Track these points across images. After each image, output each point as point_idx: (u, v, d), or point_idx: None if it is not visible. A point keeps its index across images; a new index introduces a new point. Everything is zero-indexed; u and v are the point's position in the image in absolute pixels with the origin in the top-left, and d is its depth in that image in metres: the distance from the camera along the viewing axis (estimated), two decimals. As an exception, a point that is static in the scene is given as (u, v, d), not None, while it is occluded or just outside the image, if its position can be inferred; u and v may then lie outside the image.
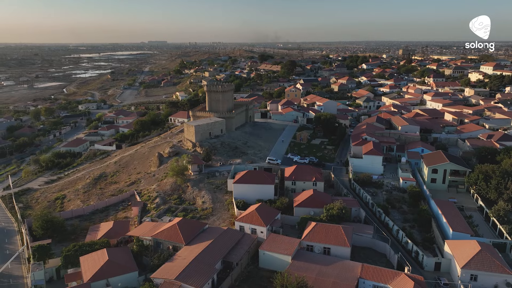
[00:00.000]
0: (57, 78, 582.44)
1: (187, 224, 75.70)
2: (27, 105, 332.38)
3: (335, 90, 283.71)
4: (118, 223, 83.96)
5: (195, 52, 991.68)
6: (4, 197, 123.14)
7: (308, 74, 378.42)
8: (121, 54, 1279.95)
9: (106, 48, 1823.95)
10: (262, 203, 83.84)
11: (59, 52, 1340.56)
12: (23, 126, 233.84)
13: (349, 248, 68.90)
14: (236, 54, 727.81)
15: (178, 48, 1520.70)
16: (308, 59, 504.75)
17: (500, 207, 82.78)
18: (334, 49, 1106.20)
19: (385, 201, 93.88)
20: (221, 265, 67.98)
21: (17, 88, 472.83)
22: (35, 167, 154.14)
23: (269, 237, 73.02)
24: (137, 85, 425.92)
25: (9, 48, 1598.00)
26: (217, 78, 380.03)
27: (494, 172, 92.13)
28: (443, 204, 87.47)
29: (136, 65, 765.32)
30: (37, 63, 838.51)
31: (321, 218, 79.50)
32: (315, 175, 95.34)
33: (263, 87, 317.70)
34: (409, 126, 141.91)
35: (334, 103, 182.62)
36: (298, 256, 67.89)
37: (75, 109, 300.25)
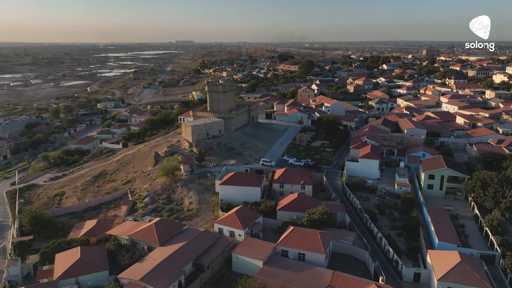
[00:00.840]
0: (82, 77, 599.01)
1: (165, 225, 75.60)
2: (50, 102, 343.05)
3: (350, 91, 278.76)
4: (101, 222, 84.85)
5: (219, 52, 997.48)
6: (9, 192, 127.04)
7: (326, 74, 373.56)
8: (147, 53, 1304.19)
9: (134, 47, 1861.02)
10: (243, 206, 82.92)
11: (89, 52, 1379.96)
12: (40, 123, 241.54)
13: (324, 255, 66.96)
14: (258, 54, 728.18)
15: (204, 48, 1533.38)
16: (329, 59, 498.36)
17: (494, 217, 78.61)
18: (360, 49, 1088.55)
19: (375, 207, 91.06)
20: (192, 267, 67.50)
21: (44, 86, 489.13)
22: (44, 164, 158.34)
23: (245, 240, 71.93)
24: (156, 84, 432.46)
25: (42, 47, 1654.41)
26: (234, 78, 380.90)
27: (492, 180, 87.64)
28: (435, 212, 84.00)
29: (160, 64, 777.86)
30: (66, 62, 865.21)
31: (302, 222, 77.74)
32: (304, 178, 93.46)
33: (278, 87, 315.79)
34: (415, 129, 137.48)
35: (342, 105, 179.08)
36: (270, 261, 66.46)
37: (94, 107, 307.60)
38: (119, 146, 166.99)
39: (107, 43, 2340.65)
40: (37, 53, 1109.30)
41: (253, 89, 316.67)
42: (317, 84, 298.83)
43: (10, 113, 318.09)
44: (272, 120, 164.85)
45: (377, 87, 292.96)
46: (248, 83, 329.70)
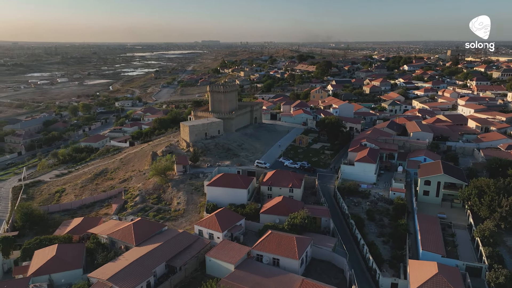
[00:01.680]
0: (106, 76, 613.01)
1: (144, 225, 75.77)
2: (71, 101, 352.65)
3: (366, 92, 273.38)
4: (87, 220, 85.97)
5: (243, 52, 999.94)
6: (15, 187, 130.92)
7: (344, 75, 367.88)
8: (172, 53, 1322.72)
9: (161, 47, 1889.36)
10: (225, 208, 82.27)
11: (116, 51, 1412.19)
12: (58, 121, 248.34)
13: (297, 261, 65.34)
14: (279, 54, 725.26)
15: (229, 47, 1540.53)
16: (349, 60, 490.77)
17: (486, 227, 74.80)
18: (387, 49, 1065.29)
19: (365, 212, 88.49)
20: (165, 268, 67.30)
21: (68, 85, 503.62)
22: (53, 161, 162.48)
23: (220, 243, 71.20)
24: (175, 83, 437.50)
25: (73, 47, 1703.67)
26: (251, 78, 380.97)
27: (489, 187, 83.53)
28: (425, 220, 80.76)
29: (182, 64, 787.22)
30: (93, 61, 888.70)
31: (283, 227, 76.28)
32: (292, 181, 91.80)
33: (294, 88, 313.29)
34: (421, 132, 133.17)
35: (350, 106, 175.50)
36: (243, 266, 65.40)
37: (112, 105, 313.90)
38: (126, 145, 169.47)
39: (135, 43, 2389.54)
40: (67, 52, 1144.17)
41: (268, 89, 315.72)
42: (332, 85, 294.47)
43: (34, 110, 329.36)
44: (277, 121, 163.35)
45: (395, 88, 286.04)
46: (263, 83, 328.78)
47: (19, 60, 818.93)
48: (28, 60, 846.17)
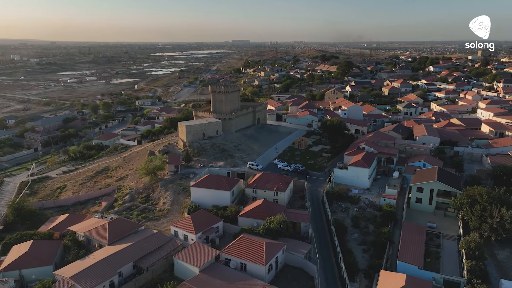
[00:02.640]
0: (134, 75, 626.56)
1: (119, 224, 76.37)
2: (95, 99, 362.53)
3: (385, 93, 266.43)
4: (72, 217, 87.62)
5: (270, 51, 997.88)
6: (22, 182, 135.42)
7: (366, 75, 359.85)
8: (201, 52, 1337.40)
9: (191, 47, 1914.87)
10: (202, 210, 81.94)
11: (147, 51, 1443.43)
12: (76, 119, 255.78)
13: (264, 267, 63.85)
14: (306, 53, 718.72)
15: (258, 47, 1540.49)
16: (374, 60, 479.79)
17: (471, 239, 70.58)
18: (420, 49, 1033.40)
19: (350, 219, 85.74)
20: (133, 268, 67.51)
21: (96, 83, 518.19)
22: (64, 157, 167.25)
23: (191, 245, 70.73)
24: (197, 83, 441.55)
25: (107, 46, 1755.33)
26: (270, 78, 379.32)
27: (482, 196, 78.87)
28: (410, 229, 77.20)
29: (208, 63, 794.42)
30: (123, 61, 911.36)
31: (259, 231, 74.86)
32: (277, 185, 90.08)
33: (312, 88, 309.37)
34: (427, 137, 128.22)
35: (359, 108, 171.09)
36: (208, 269, 64.58)
37: (132, 104, 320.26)
38: (133, 143, 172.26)
39: (166, 43, 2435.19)
40: (100, 52, 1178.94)
41: (286, 90, 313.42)
42: (351, 86, 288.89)
43: (59, 108, 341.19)
44: (281, 122, 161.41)
45: (416, 90, 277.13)
46: (281, 83, 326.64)
47: (54, 59, 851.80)
48: (62, 59, 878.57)
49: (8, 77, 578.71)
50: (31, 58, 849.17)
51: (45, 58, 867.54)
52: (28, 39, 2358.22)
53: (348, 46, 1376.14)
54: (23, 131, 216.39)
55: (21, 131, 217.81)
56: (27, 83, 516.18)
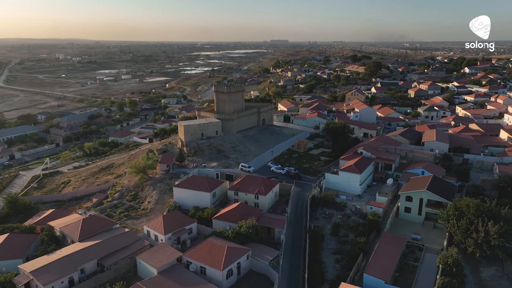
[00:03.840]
0: (167, 74, 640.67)
1: (93, 222, 77.68)
2: (124, 97, 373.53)
3: (410, 96, 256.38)
4: (57, 211, 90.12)
5: (306, 51, 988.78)
6: (34, 176, 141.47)
7: (395, 77, 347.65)
8: (237, 52, 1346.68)
9: (228, 46, 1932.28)
10: (176, 211, 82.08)
11: (185, 50, 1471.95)
12: (101, 116, 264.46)
13: (221, 272, 62.73)
14: (340, 53, 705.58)
15: (295, 47, 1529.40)
16: (406, 61, 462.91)
17: (449, 254, 65.95)
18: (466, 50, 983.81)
19: (331, 226, 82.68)
20: (97, 266, 68.45)
21: (130, 82, 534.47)
22: (79, 153, 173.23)
23: (156, 246, 70.79)
24: (225, 82, 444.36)
25: (148, 45, 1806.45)
26: (297, 78, 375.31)
27: (469, 209, 73.51)
28: (389, 240, 73.28)
29: (242, 63, 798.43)
30: (160, 60, 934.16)
31: (228, 234, 73.73)
32: (259, 188, 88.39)
33: (336, 89, 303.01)
34: (435, 142, 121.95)
35: (372, 111, 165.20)
36: (167, 271, 64.24)
37: (158, 102, 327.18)
38: (145, 141, 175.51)
39: (205, 42, 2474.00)
40: (139, 51, 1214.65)
41: (310, 90, 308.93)
42: (376, 87, 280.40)
43: (91, 105, 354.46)
44: (289, 123, 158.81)
45: (445, 92, 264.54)
46: (306, 84, 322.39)
47: (95, 58, 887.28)
48: (103, 58, 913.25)
49: (50, 74, 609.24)
50: (74, 57, 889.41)
51: (87, 57, 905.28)
52: (76, 39, 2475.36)
53: (389, 46, 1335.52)
54: (49, 127, 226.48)
55: (47, 126, 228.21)
56: (67, 81, 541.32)
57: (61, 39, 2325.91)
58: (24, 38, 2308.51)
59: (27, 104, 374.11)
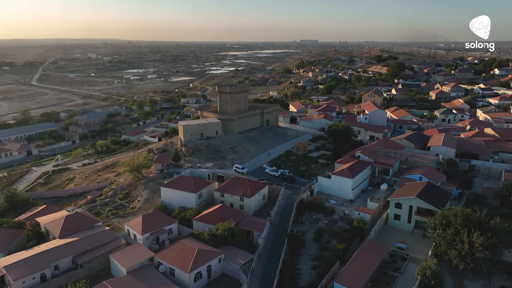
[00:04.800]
0: (193, 73, 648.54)
1: (76, 219, 78.91)
2: (147, 96, 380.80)
3: (431, 98, 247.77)
4: (49, 207, 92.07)
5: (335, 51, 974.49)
6: (44, 172, 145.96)
7: (419, 78, 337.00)
8: (265, 52, 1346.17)
9: (257, 46, 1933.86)
10: (156, 211, 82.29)
11: (214, 50, 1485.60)
12: (120, 114, 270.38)
13: (187, 274, 62.20)
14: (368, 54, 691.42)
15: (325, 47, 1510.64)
16: (433, 62, 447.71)
17: (428, 265, 62.74)
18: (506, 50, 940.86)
19: (314, 232, 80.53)
20: (72, 263, 69.51)
21: (155, 81, 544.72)
22: (91, 151, 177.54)
23: (131, 245, 71.28)
24: (246, 82, 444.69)
25: (178, 45, 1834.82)
26: (318, 79, 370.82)
27: (456, 218, 69.64)
28: (369, 248, 70.62)
29: (268, 63, 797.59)
30: (187, 59, 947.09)
31: (205, 237, 73.13)
32: (245, 190, 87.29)
33: (356, 90, 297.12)
34: (441, 147, 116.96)
35: (382, 113, 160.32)
36: (136, 271, 64.27)
37: (177, 102, 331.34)
38: (155, 140, 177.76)
39: (234, 42, 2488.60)
40: (168, 50, 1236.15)
41: (329, 91, 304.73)
42: (397, 89, 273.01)
43: (114, 103, 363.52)
44: (295, 125, 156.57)
45: (469, 94, 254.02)
46: (325, 85, 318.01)
47: (125, 58, 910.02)
48: (132, 57, 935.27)
49: (80, 73, 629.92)
50: (105, 56, 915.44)
51: (118, 57, 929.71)
52: (110, 39, 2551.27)
53: (422, 46, 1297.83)
54: (68, 125, 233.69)
55: (67, 124, 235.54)
56: (95, 80, 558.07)
57: (95, 39, 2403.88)
58: (62, 39, 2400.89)
59: (54, 102, 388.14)
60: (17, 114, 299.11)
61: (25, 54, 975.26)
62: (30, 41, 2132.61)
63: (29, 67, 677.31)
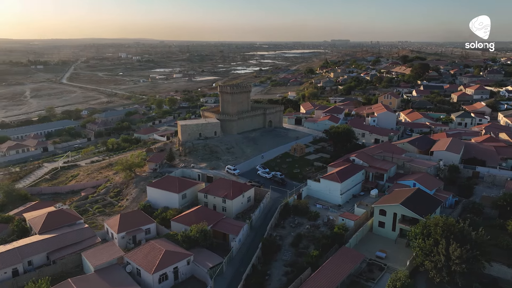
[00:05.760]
0: (217, 73, 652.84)
1: (58, 216, 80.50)
2: (168, 95, 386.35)
3: (453, 100, 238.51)
4: (39, 203, 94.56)
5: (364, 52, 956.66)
6: (52, 169, 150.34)
7: (443, 79, 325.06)
8: (293, 52, 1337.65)
9: (287, 46, 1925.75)
10: (137, 210, 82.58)
11: (242, 49, 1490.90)
12: (137, 113, 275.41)
13: (151, 275, 62.04)
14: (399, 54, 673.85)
15: (356, 46, 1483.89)
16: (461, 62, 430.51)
17: (398, 277, 59.81)
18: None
19: (293, 237, 78.66)
20: (46, 259, 70.88)
21: (180, 80, 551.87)
22: (103, 148, 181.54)
23: (104, 244, 72.04)
24: (267, 83, 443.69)
25: (208, 45, 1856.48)
26: (338, 79, 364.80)
27: (437, 228, 66.01)
28: (344, 256, 68.27)
29: (294, 63, 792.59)
30: (214, 59, 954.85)
31: (178, 238, 72.85)
32: (228, 192, 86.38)
33: (376, 92, 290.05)
34: (444, 152, 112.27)
35: (391, 116, 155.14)
36: (104, 270, 64.90)
37: (196, 101, 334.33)
38: (163, 139, 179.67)
39: (264, 42, 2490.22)
40: (197, 50, 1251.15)
41: (348, 92, 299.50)
42: (418, 90, 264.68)
43: (137, 102, 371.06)
44: (299, 126, 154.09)
45: (494, 97, 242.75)
46: (343, 86, 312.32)
47: (154, 57, 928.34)
48: (161, 57, 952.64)
49: (109, 72, 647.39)
50: (135, 56, 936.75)
51: (147, 56, 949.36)
52: (143, 38, 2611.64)
53: (458, 46, 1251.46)
54: (86, 122, 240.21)
55: (85, 122, 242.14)
56: (122, 78, 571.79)
57: (129, 39, 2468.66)
58: (97, 38, 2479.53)
59: (80, 100, 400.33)
60: (42, 111, 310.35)
61: (59, 54, 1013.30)
62: (67, 41, 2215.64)
63: (61, 66, 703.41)
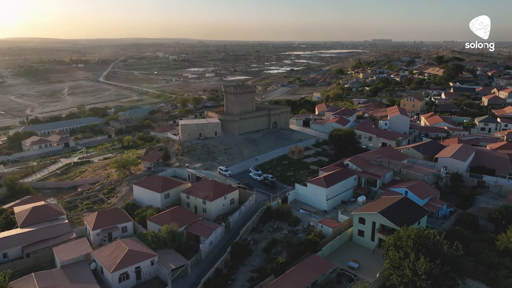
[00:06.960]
0: (250, 73, 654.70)
1: (42, 210, 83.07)
2: (196, 94, 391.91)
3: (483, 104, 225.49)
4: (32, 198, 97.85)
5: (403, 51, 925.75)
6: (66, 164, 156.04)
7: (478, 81, 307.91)
8: (330, 52, 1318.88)
9: (325, 45, 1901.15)
10: (115, 208, 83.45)
11: (279, 49, 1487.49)
12: (160, 111, 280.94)
13: (111, 274, 62.52)
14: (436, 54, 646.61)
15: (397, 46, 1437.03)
16: (503, 63, 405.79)
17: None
18: None
19: (267, 242, 76.79)
20: (22, 253, 73.26)
21: (211, 80, 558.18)
22: (118, 145, 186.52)
23: (76, 240, 73.56)
24: (296, 83, 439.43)
25: (246, 45, 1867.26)
26: (367, 80, 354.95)
27: (408, 240, 61.98)
28: (311, 264, 65.85)
29: (329, 63, 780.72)
30: (249, 59, 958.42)
31: (147, 238, 73.00)
32: (208, 193, 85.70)
33: (403, 94, 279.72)
34: (449, 159, 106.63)
35: (404, 119, 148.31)
36: (69, 266, 66.11)
37: (221, 100, 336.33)
38: (175, 137, 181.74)
39: (302, 41, 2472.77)
40: (234, 50, 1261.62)
41: (374, 94, 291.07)
42: (447, 93, 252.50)
43: (166, 101, 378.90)
44: (306, 128, 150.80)
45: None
46: (370, 87, 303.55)
47: (190, 56, 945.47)
48: (196, 56, 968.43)
49: (144, 71, 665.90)
50: (172, 55, 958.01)
51: (184, 55, 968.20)
52: (183, 38, 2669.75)
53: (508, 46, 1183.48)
54: (109, 119, 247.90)
55: (108, 119, 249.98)
56: (156, 77, 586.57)
57: (170, 39, 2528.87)
58: (139, 38, 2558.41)
59: (113, 97, 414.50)
60: (74, 108, 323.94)
61: (101, 53, 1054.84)
62: (112, 40, 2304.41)
63: (101, 64, 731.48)
